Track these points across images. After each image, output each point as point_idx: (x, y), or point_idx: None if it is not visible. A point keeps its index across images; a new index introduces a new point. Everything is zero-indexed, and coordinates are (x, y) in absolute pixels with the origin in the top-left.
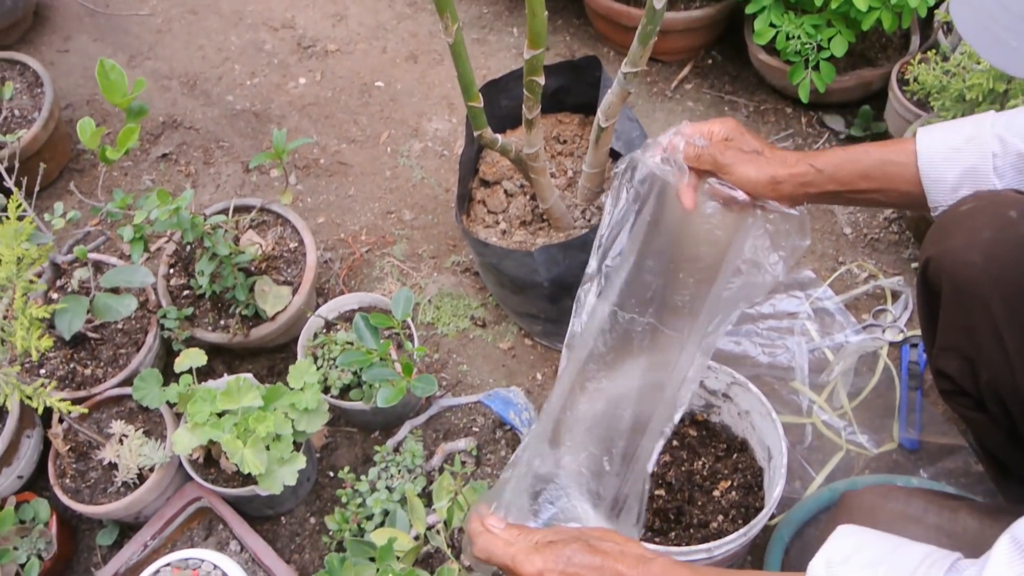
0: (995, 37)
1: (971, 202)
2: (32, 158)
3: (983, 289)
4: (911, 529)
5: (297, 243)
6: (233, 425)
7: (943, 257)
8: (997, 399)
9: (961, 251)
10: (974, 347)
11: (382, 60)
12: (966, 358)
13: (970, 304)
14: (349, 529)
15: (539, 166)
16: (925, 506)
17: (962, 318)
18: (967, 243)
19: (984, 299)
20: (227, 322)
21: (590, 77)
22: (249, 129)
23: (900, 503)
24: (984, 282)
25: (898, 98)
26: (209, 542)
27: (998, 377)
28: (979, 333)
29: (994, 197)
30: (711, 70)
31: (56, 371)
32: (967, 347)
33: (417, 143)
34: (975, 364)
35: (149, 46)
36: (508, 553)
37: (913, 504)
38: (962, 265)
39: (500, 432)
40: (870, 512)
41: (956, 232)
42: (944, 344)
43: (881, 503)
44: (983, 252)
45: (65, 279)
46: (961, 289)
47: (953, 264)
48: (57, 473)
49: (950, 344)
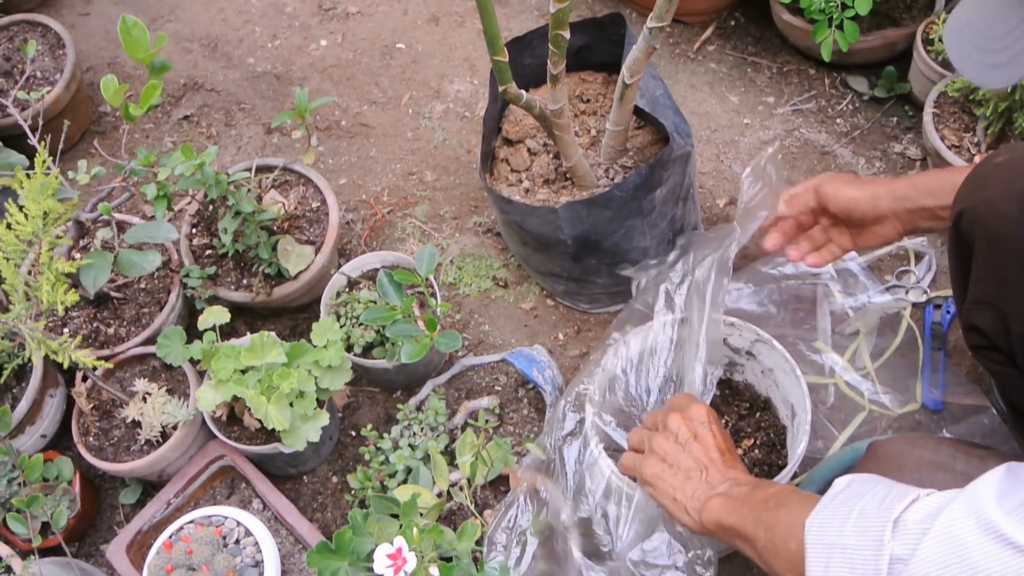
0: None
1: (1006, 154)
2: (55, 119)
3: (1018, 241)
4: (939, 476)
5: (319, 203)
6: (257, 382)
7: (977, 208)
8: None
9: (997, 202)
10: (1007, 300)
11: (403, 22)
12: (998, 311)
13: (1004, 256)
14: (372, 486)
15: (563, 123)
16: (953, 453)
17: (995, 270)
18: (1003, 194)
19: (1019, 251)
20: (250, 281)
21: (614, 35)
22: (270, 91)
23: (928, 451)
24: (1019, 234)
25: (923, 58)
26: (232, 500)
27: None
28: (1012, 285)
29: None
30: (734, 31)
31: (80, 330)
32: (1000, 300)
33: (439, 104)
34: (1007, 318)
35: (170, 9)
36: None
37: (941, 452)
38: (997, 217)
39: (523, 391)
40: (897, 459)
41: (991, 184)
42: (976, 298)
43: (909, 450)
44: (1019, 203)
45: (88, 239)
46: (995, 241)
47: (988, 215)
48: (80, 431)
49: (982, 297)
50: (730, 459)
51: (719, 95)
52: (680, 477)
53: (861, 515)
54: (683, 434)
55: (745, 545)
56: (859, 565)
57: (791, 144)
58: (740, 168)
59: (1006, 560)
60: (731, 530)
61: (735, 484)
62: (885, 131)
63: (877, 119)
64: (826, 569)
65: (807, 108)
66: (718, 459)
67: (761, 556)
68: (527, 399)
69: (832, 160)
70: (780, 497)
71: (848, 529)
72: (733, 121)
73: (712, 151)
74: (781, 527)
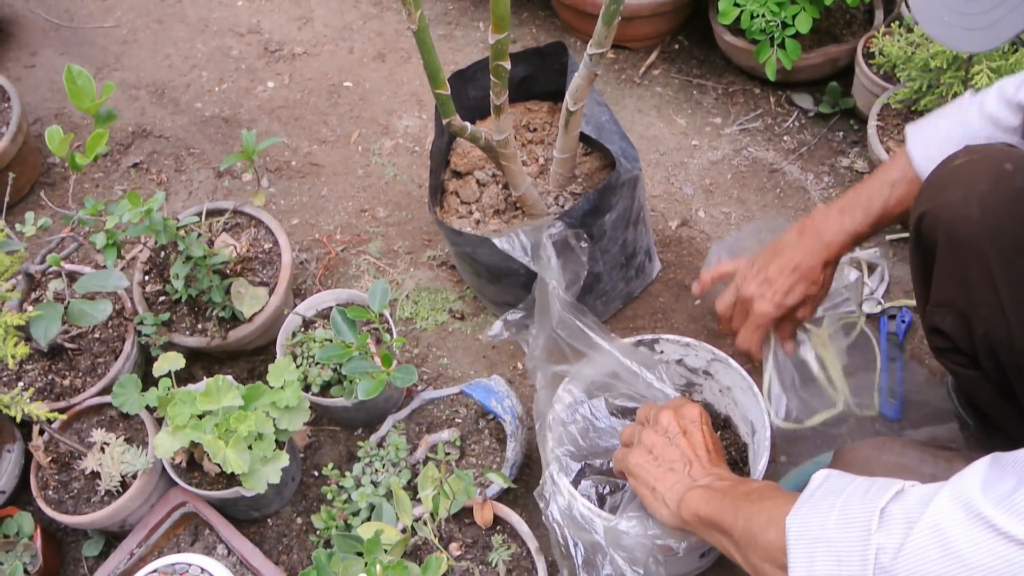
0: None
1: (964, 156)
2: (1, 172)
3: (980, 242)
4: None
5: (272, 244)
6: (214, 426)
7: (939, 211)
8: (991, 354)
9: (958, 205)
10: (969, 302)
11: (350, 60)
12: (961, 314)
13: (966, 258)
14: (336, 526)
15: (510, 153)
16: (920, 456)
17: (958, 273)
18: (964, 196)
19: (981, 252)
20: (204, 326)
21: (557, 64)
22: (219, 135)
23: (895, 454)
24: (981, 235)
25: (865, 72)
26: (196, 547)
27: (993, 332)
28: (975, 287)
29: (987, 150)
30: (678, 55)
31: (35, 382)
32: (962, 302)
33: (388, 141)
34: (970, 320)
35: (116, 57)
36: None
37: (908, 455)
38: (959, 219)
39: (483, 421)
40: (865, 464)
41: (951, 186)
42: (939, 300)
43: (876, 455)
44: (980, 205)
45: (40, 291)
46: (957, 243)
47: (950, 218)
48: (40, 485)
49: (945, 300)
50: (716, 459)
51: (666, 118)
52: (663, 469)
53: (845, 508)
54: (672, 429)
55: (721, 537)
56: (845, 558)
57: (740, 163)
58: (690, 190)
59: (994, 549)
60: (708, 521)
61: (718, 479)
62: (832, 146)
63: (823, 134)
64: (810, 564)
65: (754, 127)
66: (704, 456)
67: (737, 547)
68: (488, 430)
69: (781, 177)
70: (763, 491)
71: (832, 522)
72: (682, 143)
73: (662, 174)
74: (760, 517)
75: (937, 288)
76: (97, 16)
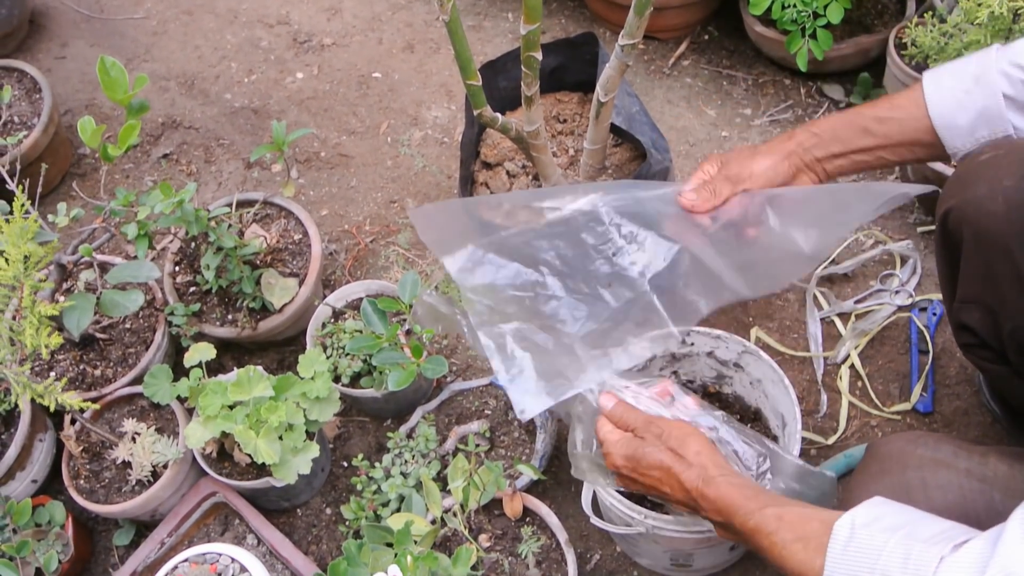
0: None
1: (990, 151)
2: (34, 163)
3: (1005, 238)
4: (942, 473)
5: (301, 235)
6: (245, 416)
7: (964, 207)
8: (1019, 349)
9: (983, 200)
10: (996, 297)
11: (379, 51)
12: (988, 309)
13: (992, 253)
14: (365, 516)
15: (540, 144)
16: (954, 450)
17: (984, 268)
18: (989, 192)
19: (1007, 248)
20: (235, 316)
21: (587, 54)
22: (249, 126)
23: (929, 448)
24: (1006, 231)
25: (896, 63)
26: (226, 537)
27: (1020, 327)
28: (1001, 283)
29: (1012, 146)
30: (708, 45)
31: (66, 372)
32: (989, 298)
33: (417, 132)
34: (997, 315)
35: (146, 48)
36: (606, 440)
37: (942, 449)
38: (984, 214)
39: (512, 413)
40: (899, 458)
41: (977, 181)
42: (965, 296)
43: (910, 448)
44: (1006, 200)
45: (71, 281)
46: (983, 238)
47: (975, 213)
48: (71, 475)
49: (971, 296)
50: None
51: (696, 109)
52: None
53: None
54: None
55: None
56: None
57: None
58: None
59: None
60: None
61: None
62: None
63: None
64: None
65: (784, 118)
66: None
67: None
68: (517, 421)
69: None
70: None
71: None
72: (711, 134)
73: (692, 165)
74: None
75: (963, 284)
76: (127, 7)
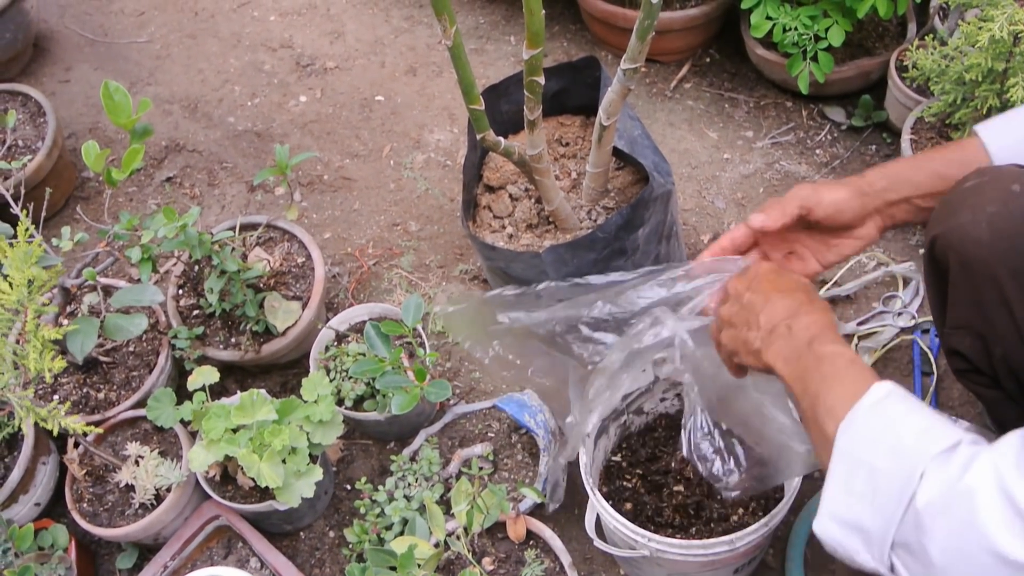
0: None
1: (975, 178)
2: (37, 187)
3: (991, 264)
4: None
5: (305, 258)
6: (248, 440)
7: (949, 234)
8: (1011, 374)
9: (967, 227)
10: (986, 323)
11: (381, 74)
12: (978, 335)
13: (979, 280)
14: (369, 540)
15: (543, 167)
16: None
17: (972, 295)
18: (973, 219)
19: (993, 274)
20: (238, 339)
21: (589, 78)
22: (252, 149)
23: None
24: (991, 257)
25: (898, 85)
26: (229, 560)
27: (1011, 352)
28: (989, 309)
29: (997, 172)
30: (710, 68)
31: (70, 396)
32: (978, 324)
33: (420, 155)
34: (987, 341)
35: (149, 72)
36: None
37: None
38: (969, 241)
39: (516, 436)
40: None
41: (961, 209)
42: (955, 322)
43: None
44: (989, 227)
45: (75, 305)
46: (969, 265)
47: (960, 241)
48: (74, 498)
49: (961, 322)
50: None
51: (698, 132)
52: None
53: (898, 441)
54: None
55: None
56: (883, 490)
57: (772, 177)
58: (722, 203)
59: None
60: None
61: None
62: (865, 159)
63: (856, 148)
64: (848, 482)
65: (786, 140)
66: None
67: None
68: (520, 444)
69: None
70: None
71: (881, 451)
72: (713, 157)
73: (694, 187)
74: (821, 405)
75: (953, 310)
76: (131, 31)
